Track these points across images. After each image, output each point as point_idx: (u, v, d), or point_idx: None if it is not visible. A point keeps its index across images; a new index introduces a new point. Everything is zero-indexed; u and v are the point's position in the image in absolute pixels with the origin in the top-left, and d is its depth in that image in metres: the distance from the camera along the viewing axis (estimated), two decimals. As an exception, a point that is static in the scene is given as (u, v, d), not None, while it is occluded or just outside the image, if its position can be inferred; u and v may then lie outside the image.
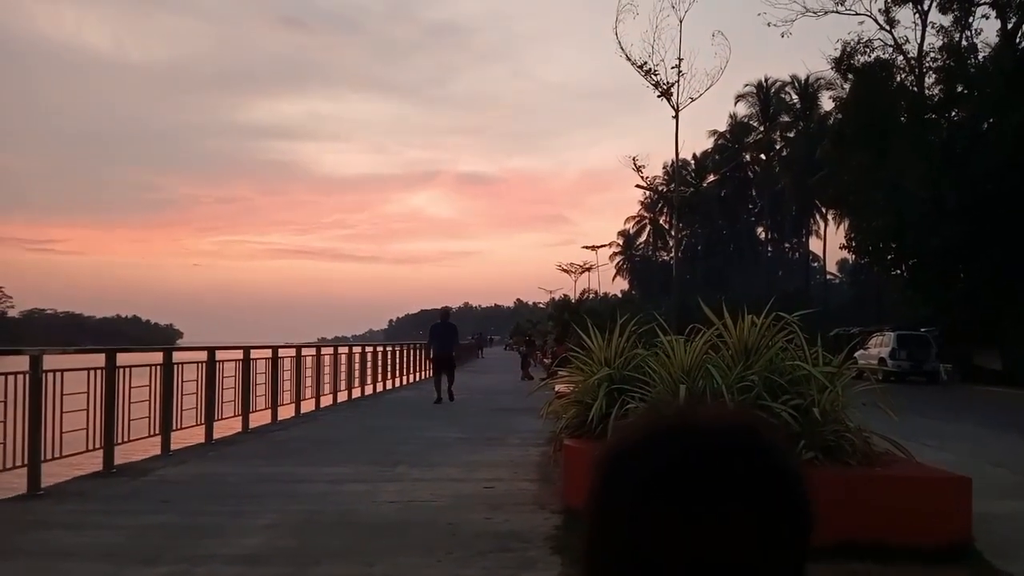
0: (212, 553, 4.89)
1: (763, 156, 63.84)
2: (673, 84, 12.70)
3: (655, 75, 12.69)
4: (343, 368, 17.69)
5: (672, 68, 12.71)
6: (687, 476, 0.57)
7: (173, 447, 9.37)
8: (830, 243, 61.52)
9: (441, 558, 4.79)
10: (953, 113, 31.46)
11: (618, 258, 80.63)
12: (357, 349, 19.88)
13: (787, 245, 70.13)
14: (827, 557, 4.34)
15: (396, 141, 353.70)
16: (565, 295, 43.27)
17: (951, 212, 27.31)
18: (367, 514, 6.03)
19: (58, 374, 7.48)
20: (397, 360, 23.78)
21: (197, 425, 10.24)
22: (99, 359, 8.36)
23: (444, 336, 16.07)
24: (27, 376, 7.04)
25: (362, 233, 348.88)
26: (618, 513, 0.59)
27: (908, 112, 31.10)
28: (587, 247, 47.57)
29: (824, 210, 56.38)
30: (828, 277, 70.55)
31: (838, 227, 52.31)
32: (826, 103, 52.77)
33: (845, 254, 47.89)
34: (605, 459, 0.63)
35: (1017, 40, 29.45)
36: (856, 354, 23.67)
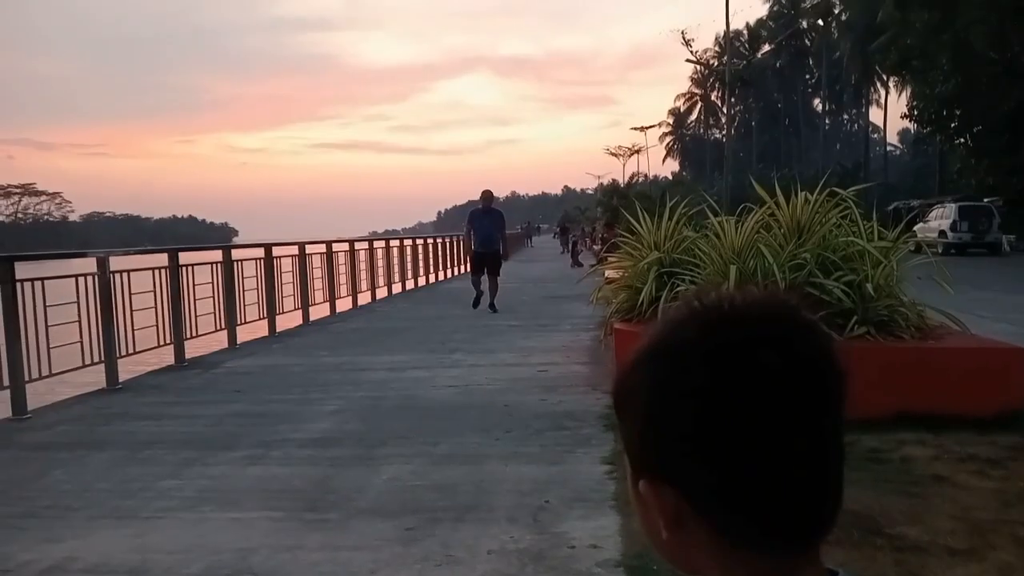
0: (285, 437, 5.18)
1: (821, 22, 60.60)
2: (723, -51, 11.99)
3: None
4: (396, 261, 17.98)
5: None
6: (719, 371, 0.59)
7: (239, 341, 9.78)
8: (891, 113, 59.05)
9: (500, 437, 5.01)
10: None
11: (668, 138, 78.75)
12: (408, 242, 20.11)
13: (846, 117, 67.56)
14: (880, 428, 4.42)
15: (435, 26, 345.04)
16: (614, 180, 42.72)
17: (1022, 72, 25.83)
18: (427, 398, 6.28)
19: (125, 275, 7.78)
20: (448, 252, 24.01)
21: (260, 319, 10.64)
22: (162, 259, 8.67)
23: (488, 227, 12.28)
24: (96, 277, 7.35)
25: (405, 124, 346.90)
26: (656, 408, 0.61)
27: (977, -34, 28.99)
28: (636, 128, 46.54)
29: (885, 78, 53.74)
30: (889, 149, 68.03)
31: (900, 95, 50.01)
32: (889, -39, 49.40)
33: (907, 124, 46.02)
34: (642, 357, 0.64)
35: None
36: (916, 227, 23.10)
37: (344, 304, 13.95)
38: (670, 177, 66.74)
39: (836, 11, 58.50)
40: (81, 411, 6.32)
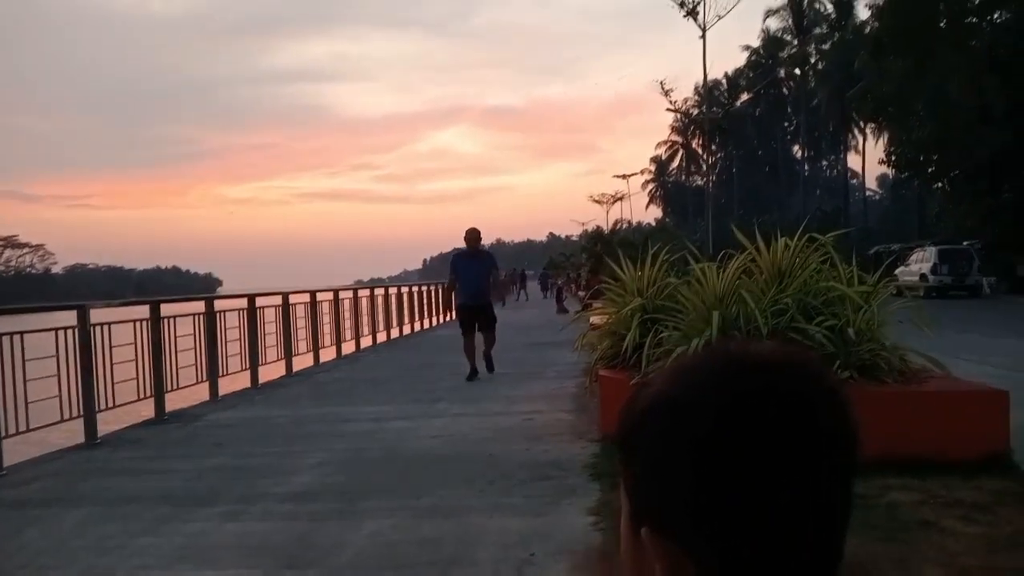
0: (265, 492, 5.09)
1: (798, 71, 61.94)
2: (699, 3, 12.32)
3: (680, -7, 12.33)
4: (380, 309, 17.94)
5: (698, -15, 12.32)
6: (759, 423, 0.57)
7: (221, 393, 9.67)
8: (869, 158, 60.09)
9: (484, 488, 4.94)
10: (996, 15, 30.12)
11: (651, 185, 79.66)
12: (393, 290, 20.10)
13: (825, 163, 68.61)
14: (865, 473, 4.39)
15: (421, 78, 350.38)
16: (598, 226, 42.96)
17: (996, 119, 26.40)
18: (411, 449, 6.21)
19: (106, 327, 7.71)
20: (433, 300, 24.00)
21: (243, 370, 10.54)
22: (144, 310, 8.60)
23: (476, 273, 10.06)
24: (76, 330, 7.27)
25: (392, 173, 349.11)
26: (680, 459, 0.58)
27: (948, 17, 29.86)
28: (618, 176, 47.00)
29: (862, 124, 54.82)
30: (868, 194, 69.05)
31: (877, 141, 51.05)
32: (862, 11, 50.91)
33: (885, 169, 46.84)
34: (651, 401, 0.62)
35: (1065, -68, 27.87)
36: (897, 271, 23.35)
37: (328, 354, 13.87)
38: (653, 223, 67.30)
39: (812, 60, 59.85)
40: (58, 467, 6.20)
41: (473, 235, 10.23)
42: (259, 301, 11.29)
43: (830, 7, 57.95)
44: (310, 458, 6.03)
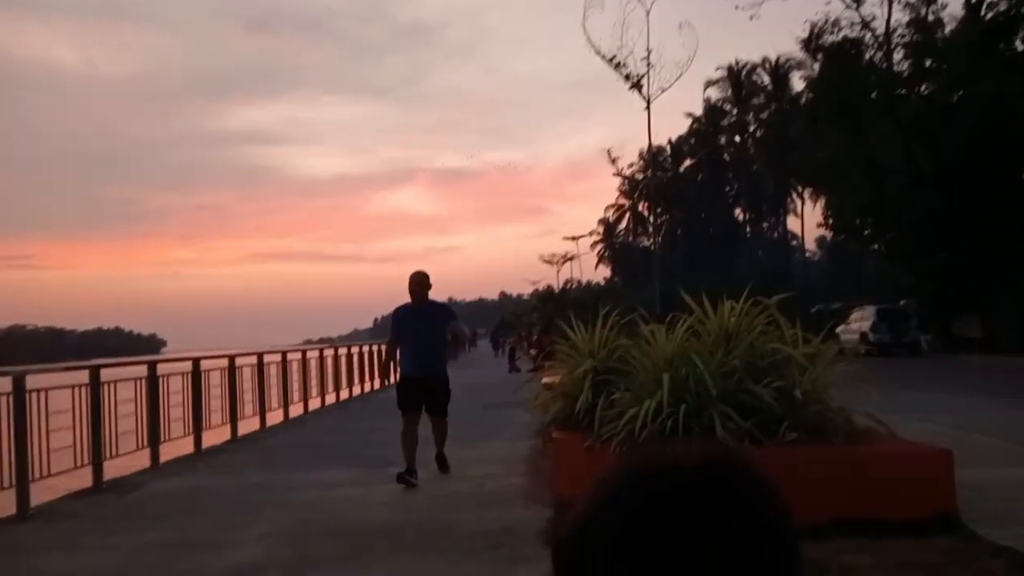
0: (207, 567, 4.90)
1: (738, 138, 64.13)
2: (643, 76, 12.75)
3: (625, 68, 12.75)
4: (330, 370, 17.66)
5: (641, 60, 12.75)
6: (667, 524, 0.56)
7: (163, 459, 9.33)
8: (808, 221, 62.02)
9: (435, 559, 4.84)
10: (923, 87, 31.74)
11: (600, 246, 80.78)
12: (343, 350, 19.83)
13: (766, 225, 70.54)
14: (819, 535, 4.42)
15: (372, 141, 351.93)
16: (549, 285, 43.26)
17: (927, 184, 27.59)
18: (360, 519, 6.05)
19: (42, 393, 7.43)
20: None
21: (185, 436, 10.21)
22: (83, 375, 8.32)
23: (424, 333, 7.51)
24: (10, 397, 6.99)
25: (343, 234, 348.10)
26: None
27: (878, 88, 31.38)
28: (568, 238, 47.55)
29: (800, 189, 56.80)
30: (808, 254, 71.09)
31: (815, 205, 52.81)
32: (797, 83, 53.26)
33: (823, 231, 48.42)
34: (572, 514, 0.62)
35: (982, 12, 29.74)
36: (838, 329, 23.92)
37: (275, 417, 13.54)
38: (603, 282, 68.10)
39: (751, 128, 62.09)
40: (-15, 543, 5.88)
41: (418, 281, 7.54)
42: (204, 364, 11.02)
43: (767, 79, 60.51)
44: (255, 530, 5.83)
